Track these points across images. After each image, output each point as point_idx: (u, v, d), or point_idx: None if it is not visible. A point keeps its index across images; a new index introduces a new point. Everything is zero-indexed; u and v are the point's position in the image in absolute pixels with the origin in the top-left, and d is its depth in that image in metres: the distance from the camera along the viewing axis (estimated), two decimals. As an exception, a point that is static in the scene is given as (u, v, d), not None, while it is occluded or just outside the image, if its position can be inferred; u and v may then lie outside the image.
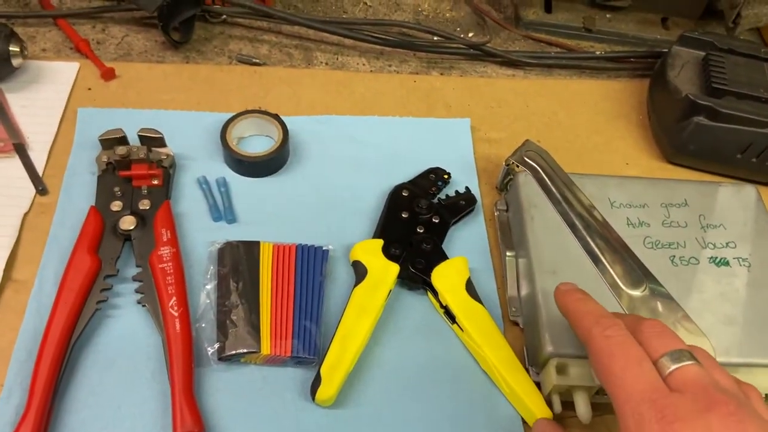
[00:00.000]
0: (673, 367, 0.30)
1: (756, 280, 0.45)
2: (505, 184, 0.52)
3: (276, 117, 0.53)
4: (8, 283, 0.44)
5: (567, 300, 0.37)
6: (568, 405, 0.40)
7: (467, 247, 0.50)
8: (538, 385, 0.42)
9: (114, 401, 0.40)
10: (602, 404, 0.41)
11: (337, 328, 0.43)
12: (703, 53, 0.58)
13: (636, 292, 0.43)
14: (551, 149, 0.51)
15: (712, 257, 0.46)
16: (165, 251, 0.44)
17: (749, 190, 0.50)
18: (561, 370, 0.40)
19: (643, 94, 0.62)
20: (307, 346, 0.42)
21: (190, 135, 0.53)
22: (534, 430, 0.39)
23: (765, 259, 0.46)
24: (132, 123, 0.49)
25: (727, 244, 0.47)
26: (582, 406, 0.39)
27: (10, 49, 0.52)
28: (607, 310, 0.35)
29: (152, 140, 0.49)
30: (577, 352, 0.40)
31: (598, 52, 0.66)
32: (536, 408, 0.40)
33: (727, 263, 0.46)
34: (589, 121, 0.60)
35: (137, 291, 0.43)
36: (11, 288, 0.44)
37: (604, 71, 0.65)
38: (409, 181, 0.52)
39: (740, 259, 0.46)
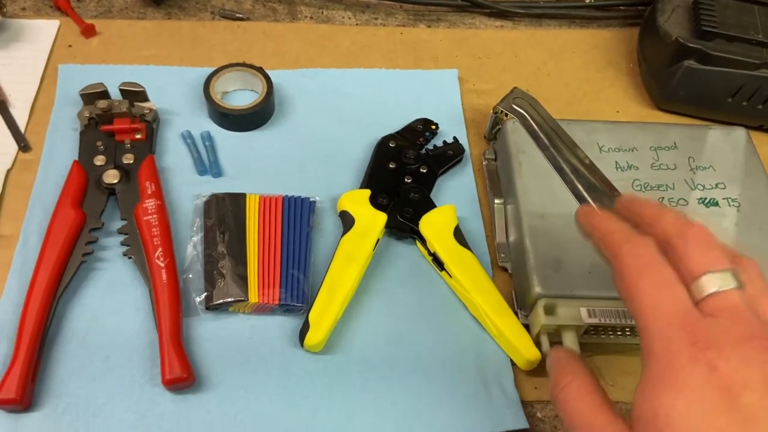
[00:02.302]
0: (713, 289, 0.27)
1: (745, 219, 0.45)
2: (494, 134, 0.52)
3: (260, 70, 0.52)
4: (-7, 239, 0.44)
5: (592, 219, 0.33)
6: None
7: (456, 197, 0.49)
8: (527, 327, 0.42)
9: (102, 352, 0.40)
10: (590, 344, 0.41)
11: (325, 276, 0.42)
12: (693, -3, 0.57)
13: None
14: (541, 99, 0.50)
15: (701, 198, 0.46)
16: (150, 204, 0.43)
17: (739, 132, 0.50)
18: (549, 310, 0.40)
19: (632, 43, 0.61)
20: (295, 294, 0.42)
21: (173, 90, 0.52)
22: (549, 358, 0.34)
23: (754, 199, 0.46)
24: (114, 79, 0.49)
25: (716, 185, 0.46)
26: (570, 345, 0.39)
27: (-12, 6, 0.51)
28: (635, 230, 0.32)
29: (134, 94, 0.48)
30: (565, 292, 0.40)
31: (587, 1, 0.64)
32: (525, 349, 0.40)
33: (716, 204, 0.45)
34: (578, 71, 0.60)
35: (123, 243, 0.43)
36: (-4, 244, 0.43)
37: (593, 20, 0.64)
38: (397, 132, 0.51)
39: (729, 200, 0.46)
